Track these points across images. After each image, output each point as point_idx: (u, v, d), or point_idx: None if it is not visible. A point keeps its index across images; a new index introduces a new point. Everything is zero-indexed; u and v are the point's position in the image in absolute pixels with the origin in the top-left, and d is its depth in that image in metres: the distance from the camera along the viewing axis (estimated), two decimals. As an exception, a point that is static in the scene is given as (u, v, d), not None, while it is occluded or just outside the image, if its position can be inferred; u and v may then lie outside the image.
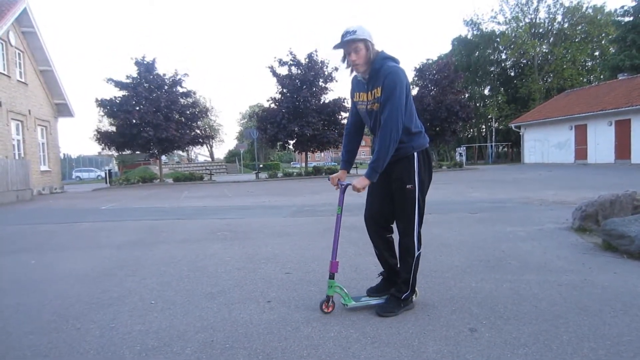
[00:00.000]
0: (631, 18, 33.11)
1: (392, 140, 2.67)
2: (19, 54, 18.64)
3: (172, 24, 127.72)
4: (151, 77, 24.89)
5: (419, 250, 2.87)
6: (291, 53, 26.21)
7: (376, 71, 2.74)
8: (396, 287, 2.91)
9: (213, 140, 67.74)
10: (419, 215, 2.84)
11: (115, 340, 2.61)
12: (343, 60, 2.85)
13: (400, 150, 2.76)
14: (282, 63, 26.36)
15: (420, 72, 30.65)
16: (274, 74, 26.43)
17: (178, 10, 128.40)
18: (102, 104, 24.05)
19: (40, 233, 7.27)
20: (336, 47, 2.78)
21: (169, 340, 2.58)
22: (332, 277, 2.91)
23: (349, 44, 2.71)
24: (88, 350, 2.49)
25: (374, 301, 2.99)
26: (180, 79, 25.93)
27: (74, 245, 5.99)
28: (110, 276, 4.12)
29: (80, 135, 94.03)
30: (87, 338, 2.66)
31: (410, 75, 30.47)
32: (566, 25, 42.63)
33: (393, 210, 2.92)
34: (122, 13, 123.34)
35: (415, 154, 2.81)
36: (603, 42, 41.33)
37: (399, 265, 2.97)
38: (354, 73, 2.88)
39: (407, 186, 2.79)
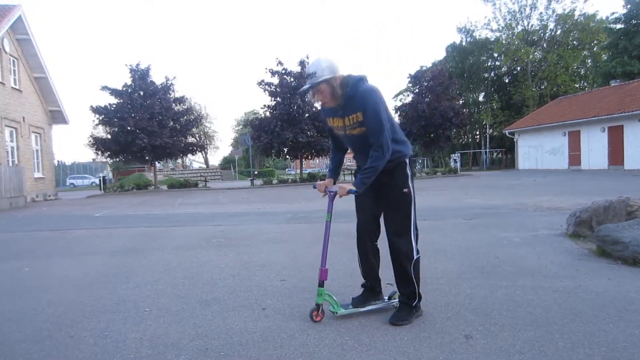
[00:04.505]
0: (622, 25, 33.51)
1: (385, 158, 2.74)
2: (13, 61, 18.60)
3: (167, 31, 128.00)
4: (145, 84, 24.84)
5: (417, 254, 2.88)
6: (280, 63, 26.03)
7: (351, 98, 2.77)
8: (404, 296, 2.89)
9: (208, 147, 67.59)
10: (415, 217, 2.88)
11: (108, 348, 2.59)
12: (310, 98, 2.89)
13: (394, 158, 2.82)
14: (273, 73, 26.26)
15: (415, 78, 31.02)
16: (265, 86, 26.25)
17: (172, 17, 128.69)
18: (96, 110, 23.99)
19: (34, 240, 7.22)
20: (301, 92, 2.86)
21: (163, 348, 2.57)
22: (321, 284, 2.89)
23: (312, 90, 2.77)
24: (81, 358, 2.47)
25: (363, 309, 2.98)
26: (171, 84, 25.87)
27: (67, 252, 5.95)
28: (104, 283, 4.10)
29: (74, 142, 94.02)
30: (81, 346, 2.64)
31: (405, 82, 30.59)
32: (559, 32, 43.03)
33: (381, 215, 2.96)
34: (116, 20, 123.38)
35: (407, 160, 2.90)
36: (595, 49, 41.71)
37: (394, 271, 2.94)
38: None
39: (404, 190, 2.85)
